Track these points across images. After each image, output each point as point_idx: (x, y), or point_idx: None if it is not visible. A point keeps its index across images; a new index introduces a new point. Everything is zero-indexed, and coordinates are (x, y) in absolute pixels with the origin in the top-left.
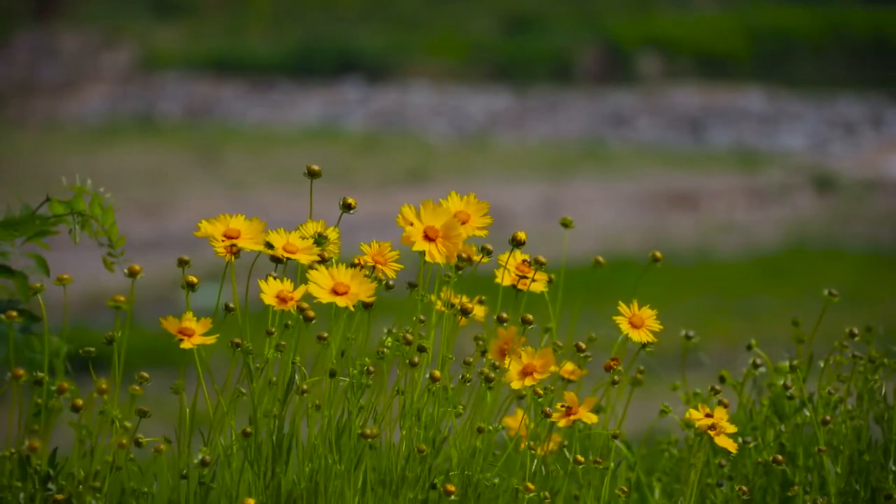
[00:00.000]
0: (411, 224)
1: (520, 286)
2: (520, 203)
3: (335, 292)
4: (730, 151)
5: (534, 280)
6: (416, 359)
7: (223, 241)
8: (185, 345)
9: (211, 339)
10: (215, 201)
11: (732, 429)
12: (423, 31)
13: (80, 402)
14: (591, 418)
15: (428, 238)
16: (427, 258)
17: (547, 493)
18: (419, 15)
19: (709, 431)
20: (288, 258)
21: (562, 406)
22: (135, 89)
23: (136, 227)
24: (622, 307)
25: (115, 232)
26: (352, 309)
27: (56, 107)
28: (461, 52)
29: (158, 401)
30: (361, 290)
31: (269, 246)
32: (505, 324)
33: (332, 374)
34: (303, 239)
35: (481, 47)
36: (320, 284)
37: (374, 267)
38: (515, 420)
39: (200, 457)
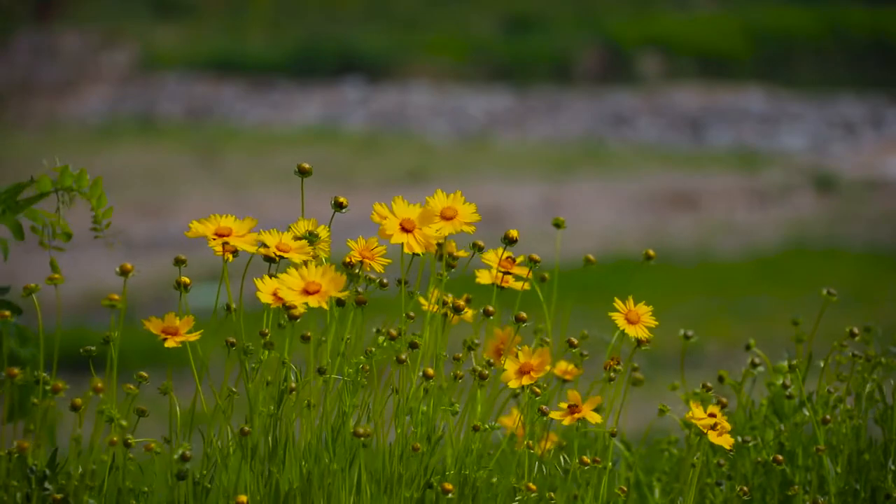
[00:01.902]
0: (385, 218)
1: (502, 284)
2: (520, 203)
3: (307, 292)
4: (730, 151)
5: (518, 277)
6: (403, 355)
7: (215, 239)
8: (170, 343)
9: (195, 336)
10: (215, 201)
11: (728, 426)
12: (423, 31)
13: (78, 401)
14: (595, 418)
15: (404, 230)
16: (406, 250)
17: (552, 494)
18: (419, 15)
19: (710, 431)
20: (281, 257)
21: (567, 405)
22: (135, 89)
23: (136, 227)
24: (618, 303)
25: (103, 203)
26: (325, 307)
27: (56, 107)
28: (461, 52)
29: (158, 400)
30: (332, 286)
31: (262, 245)
32: (491, 317)
33: (321, 372)
34: (295, 238)
35: (481, 47)
36: (291, 286)
37: (361, 262)
38: (511, 419)
39: (181, 452)
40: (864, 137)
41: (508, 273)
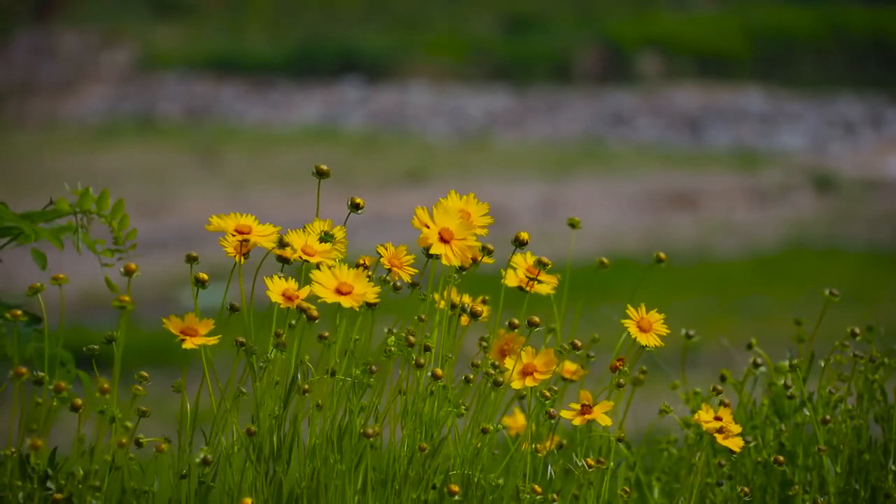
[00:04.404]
0: (427, 227)
1: (527, 288)
2: (520, 203)
3: (339, 292)
4: (730, 151)
5: (541, 282)
6: (421, 359)
7: (235, 235)
8: (188, 345)
9: (213, 340)
10: (215, 201)
11: (737, 429)
12: (423, 31)
13: (79, 401)
14: (606, 420)
15: (443, 240)
16: (444, 261)
17: (555, 496)
18: (419, 15)
19: (716, 434)
20: (295, 259)
21: (579, 405)
22: (135, 89)
23: (136, 227)
24: (630, 310)
25: (125, 224)
26: (356, 309)
27: (56, 107)
28: (461, 52)
29: (158, 401)
30: (367, 290)
31: (283, 245)
32: (516, 329)
33: (333, 374)
34: (320, 242)
35: (481, 47)
36: (324, 284)
37: (389, 270)
38: (515, 420)
39: (202, 456)
40: (863, 137)
41: (534, 279)
